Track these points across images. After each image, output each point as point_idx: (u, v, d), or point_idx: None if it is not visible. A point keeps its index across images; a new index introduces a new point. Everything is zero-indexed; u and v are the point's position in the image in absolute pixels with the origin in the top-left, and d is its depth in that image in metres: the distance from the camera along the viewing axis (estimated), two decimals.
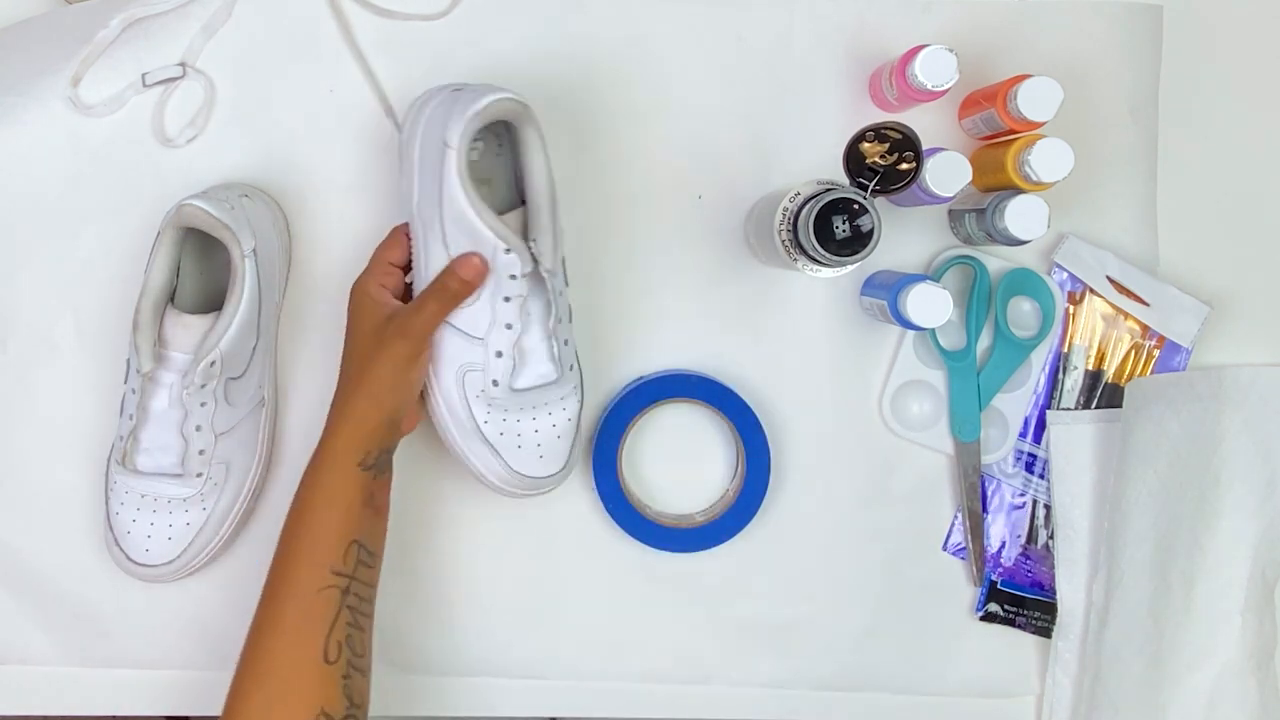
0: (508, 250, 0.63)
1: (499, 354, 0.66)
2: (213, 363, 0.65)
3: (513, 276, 0.64)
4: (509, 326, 0.65)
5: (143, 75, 0.72)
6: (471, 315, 0.66)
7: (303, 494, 0.63)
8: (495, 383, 0.66)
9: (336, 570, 0.61)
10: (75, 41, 0.72)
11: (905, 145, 0.64)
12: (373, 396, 0.63)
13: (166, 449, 0.68)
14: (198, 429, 0.67)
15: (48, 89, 0.72)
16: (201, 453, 0.68)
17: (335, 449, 0.63)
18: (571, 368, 0.69)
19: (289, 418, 0.73)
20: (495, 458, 0.67)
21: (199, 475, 0.68)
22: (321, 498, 0.62)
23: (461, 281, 0.64)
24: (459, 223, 0.64)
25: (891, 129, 0.64)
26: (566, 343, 0.68)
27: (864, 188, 0.64)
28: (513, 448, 0.67)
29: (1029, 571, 0.76)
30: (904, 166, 0.64)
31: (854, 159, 0.65)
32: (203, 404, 0.67)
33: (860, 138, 0.65)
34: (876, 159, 0.65)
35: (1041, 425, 0.75)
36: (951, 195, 0.67)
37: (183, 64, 0.73)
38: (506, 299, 0.65)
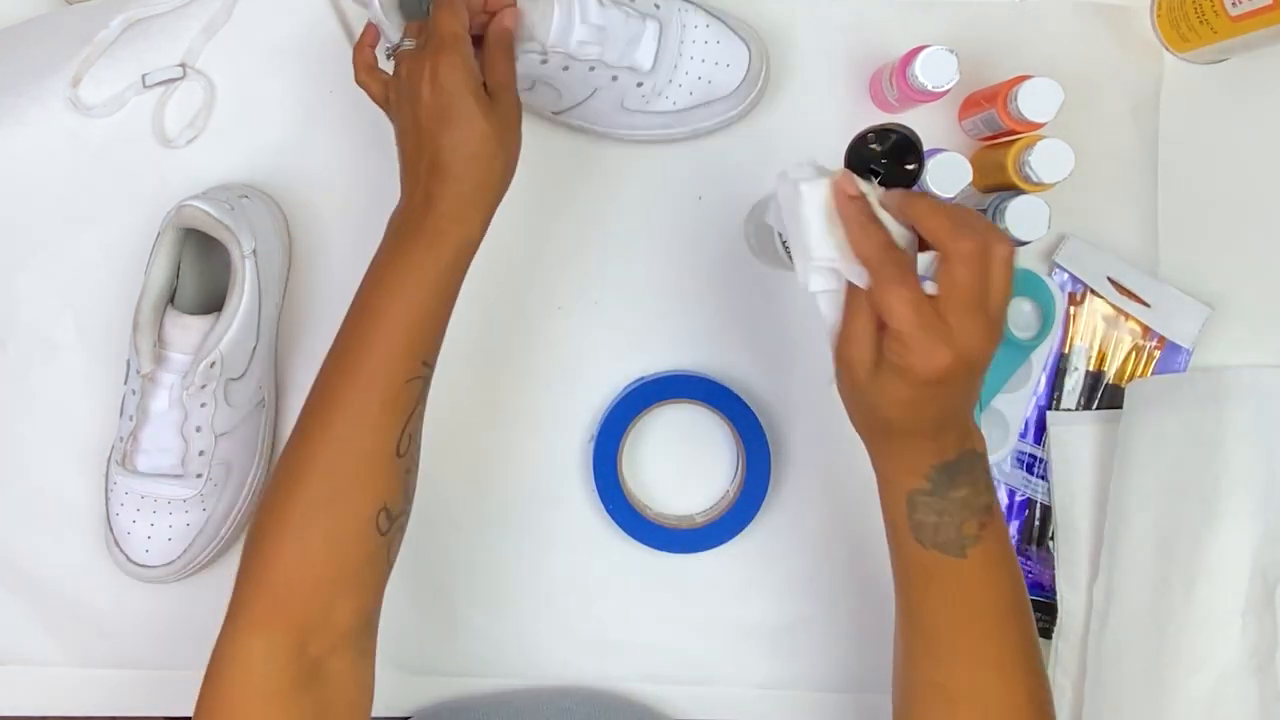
0: None
1: None
2: (213, 364, 0.65)
3: None
4: None
5: (143, 76, 0.72)
6: None
7: (409, 278, 0.56)
8: None
9: (427, 362, 0.57)
10: (76, 42, 0.72)
11: (907, 147, 0.64)
12: (495, 191, 0.59)
13: (166, 450, 0.68)
14: (197, 430, 0.67)
15: (48, 89, 0.72)
16: (201, 454, 0.68)
17: (470, 241, 0.58)
18: None
19: (289, 418, 0.73)
20: None
21: (199, 476, 0.68)
22: (435, 288, 0.57)
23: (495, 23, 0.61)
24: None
25: (893, 130, 0.64)
26: None
27: None
28: None
29: (1029, 573, 0.75)
30: (907, 168, 0.65)
31: (855, 160, 0.65)
32: (202, 405, 0.67)
33: (862, 139, 0.65)
34: (879, 160, 0.65)
35: (1042, 426, 0.75)
36: (952, 196, 0.67)
37: (183, 65, 0.73)
38: None
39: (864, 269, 0.51)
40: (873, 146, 0.65)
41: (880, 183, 0.64)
